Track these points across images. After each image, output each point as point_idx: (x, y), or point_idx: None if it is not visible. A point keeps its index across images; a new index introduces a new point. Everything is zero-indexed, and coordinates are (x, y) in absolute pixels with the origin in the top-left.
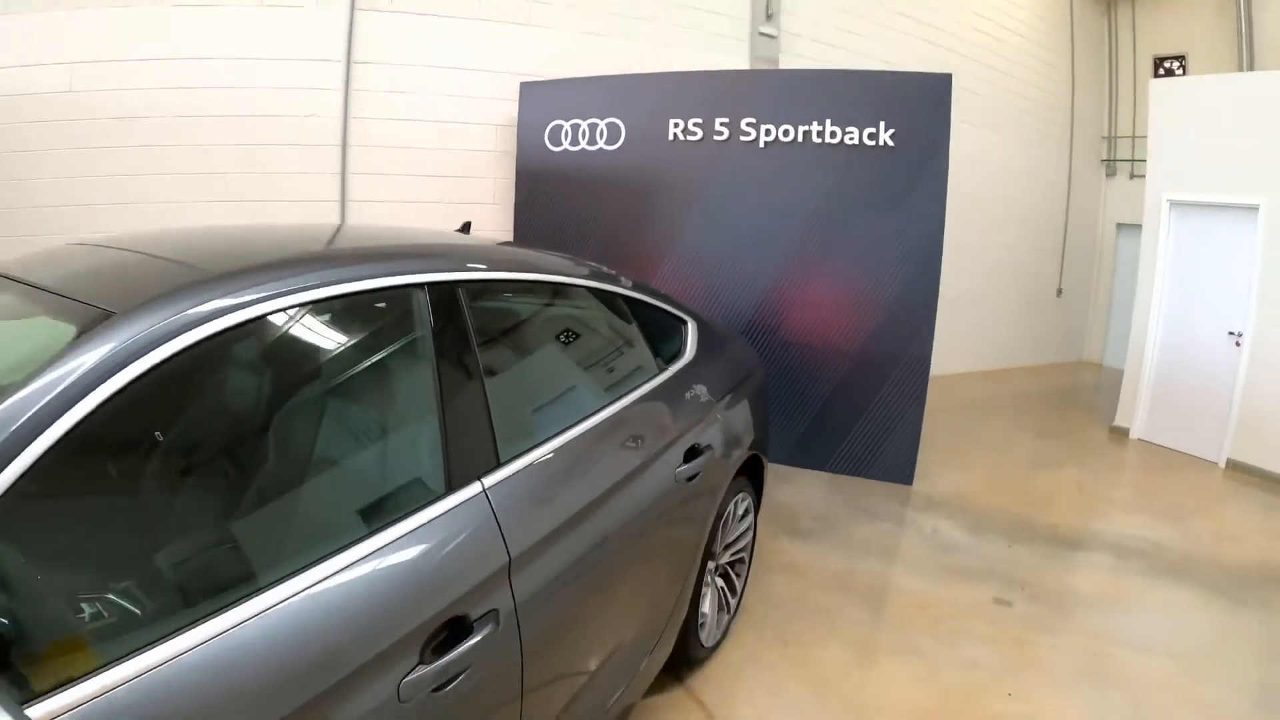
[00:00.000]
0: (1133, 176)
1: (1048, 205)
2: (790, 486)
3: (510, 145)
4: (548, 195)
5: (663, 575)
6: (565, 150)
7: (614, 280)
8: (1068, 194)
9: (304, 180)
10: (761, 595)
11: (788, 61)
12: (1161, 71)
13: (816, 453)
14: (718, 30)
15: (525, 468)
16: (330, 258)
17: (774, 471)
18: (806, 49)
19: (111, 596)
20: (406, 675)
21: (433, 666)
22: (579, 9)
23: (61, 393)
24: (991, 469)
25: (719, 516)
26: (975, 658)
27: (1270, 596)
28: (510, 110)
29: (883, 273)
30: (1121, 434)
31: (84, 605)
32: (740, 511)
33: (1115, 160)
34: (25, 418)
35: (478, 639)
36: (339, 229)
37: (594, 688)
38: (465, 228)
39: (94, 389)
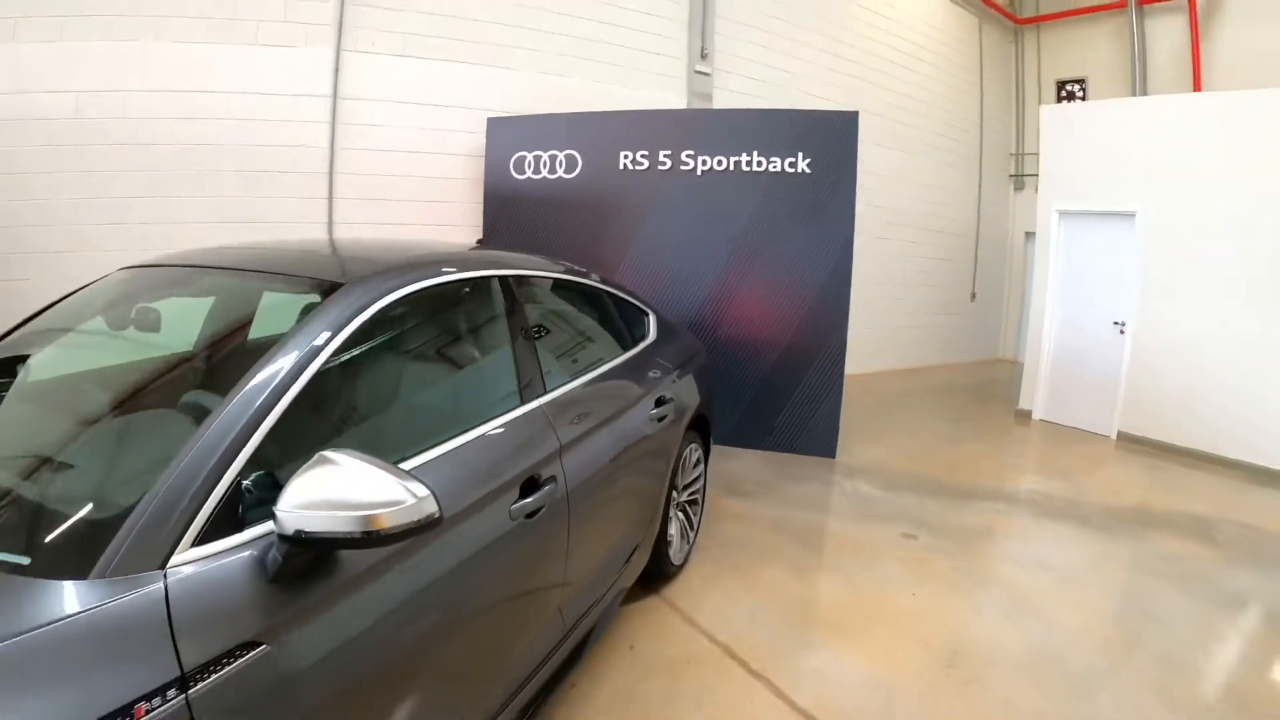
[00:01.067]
0: (1038, 190)
1: (961, 218)
2: (733, 461)
3: (479, 173)
4: (513, 217)
5: (644, 490)
6: (528, 178)
7: (598, 280)
8: (978, 207)
9: (295, 204)
10: (714, 537)
11: (721, 96)
12: (1064, 94)
13: (753, 433)
14: (659, 70)
15: (559, 396)
16: (451, 259)
17: (717, 450)
18: (738, 84)
19: (405, 425)
20: (513, 503)
21: (527, 500)
22: (539, 52)
23: (333, 322)
24: (905, 446)
25: (679, 456)
26: (886, 572)
27: (1141, 531)
28: (479, 142)
29: (803, 277)
30: (1025, 416)
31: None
32: (694, 460)
33: (1023, 175)
34: (322, 337)
35: (547, 489)
36: (417, 241)
37: (605, 559)
38: (479, 245)
39: (352, 321)
